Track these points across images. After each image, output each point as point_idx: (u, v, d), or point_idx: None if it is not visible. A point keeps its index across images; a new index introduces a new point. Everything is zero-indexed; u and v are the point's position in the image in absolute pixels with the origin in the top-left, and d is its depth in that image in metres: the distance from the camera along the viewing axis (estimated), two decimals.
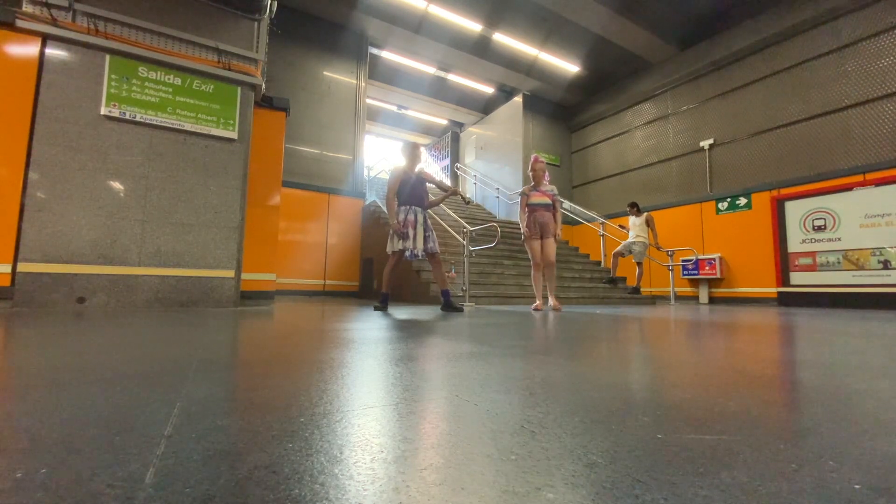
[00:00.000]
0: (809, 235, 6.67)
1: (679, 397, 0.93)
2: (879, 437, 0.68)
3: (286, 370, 1.19)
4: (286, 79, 8.05)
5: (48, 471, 0.52)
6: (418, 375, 1.14)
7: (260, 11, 4.53)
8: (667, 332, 2.45)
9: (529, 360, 1.38)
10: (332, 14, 8.51)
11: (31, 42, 3.61)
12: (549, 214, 4.64)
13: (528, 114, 11.17)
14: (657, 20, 8.43)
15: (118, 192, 3.80)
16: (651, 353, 1.66)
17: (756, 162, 7.87)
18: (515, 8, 8.19)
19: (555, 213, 4.67)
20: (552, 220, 4.63)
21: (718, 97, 8.53)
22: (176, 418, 0.74)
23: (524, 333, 2.21)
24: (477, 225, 6.09)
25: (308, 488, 0.49)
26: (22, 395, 0.88)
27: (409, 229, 3.94)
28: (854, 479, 0.53)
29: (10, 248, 3.42)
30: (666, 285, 8.02)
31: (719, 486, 0.51)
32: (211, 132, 4.19)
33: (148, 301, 3.81)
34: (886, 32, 6.42)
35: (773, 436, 0.69)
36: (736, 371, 1.24)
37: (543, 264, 4.62)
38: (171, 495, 0.47)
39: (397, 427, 0.72)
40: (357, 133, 8.84)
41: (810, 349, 1.78)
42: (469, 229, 5.24)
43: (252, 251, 4.59)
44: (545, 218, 4.62)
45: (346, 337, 1.94)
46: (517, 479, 0.52)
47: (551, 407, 0.84)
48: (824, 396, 0.96)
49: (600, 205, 10.65)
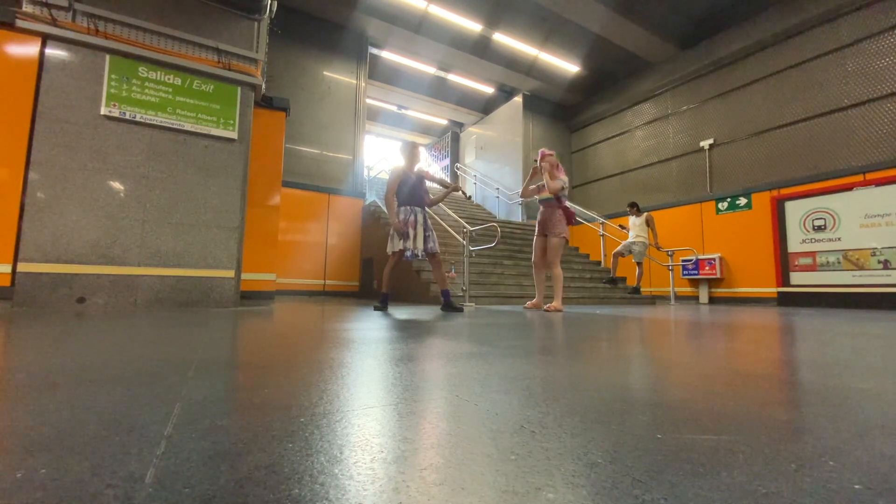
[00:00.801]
0: (809, 235, 6.67)
1: (679, 397, 0.93)
2: (879, 437, 0.68)
3: (286, 370, 1.19)
4: (286, 79, 8.06)
5: (48, 471, 0.52)
6: (418, 375, 1.14)
7: (260, 11, 4.53)
8: (667, 333, 2.45)
9: (529, 360, 1.38)
10: (332, 14, 8.51)
11: (31, 42, 3.61)
12: (548, 211, 4.47)
13: (528, 114, 11.18)
14: (657, 20, 8.44)
15: (118, 192, 3.80)
16: (651, 353, 1.66)
17: (756, 162, 7.87)
18: (515, 8, 8.19)
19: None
20: (550, 218, 4.44)
21: (718, 97, 8.53)
22: (176, 418, 0.74)
23: (524, 333, 2.21)
24: (477, 225, 6.09)
25: (308, 488, 0.49)
26: (22, 395, 0.88)
27: (409, 229, 3.93)
28: (854, 479, 0.53)
29: (10, 249, 3.42)
30: (666, 285, 8.02)
31: (719, 486, 0.51)
32: (211, 132, 4.19)
33: (148, 301, 3.81)
34: (886, 32, 6.42)
35: (773, 436, 0.69)
36: (736, 371, 1.24)
37: (541, 263, 4.56)
38: (171, 495, 0.47)
39: (397, 427, 0.72)
40: (357, 133, 8.85)
41: (810, 349, 1.78)
42: (469, 229, 5.24)
43: (252, 251, 4.59)
44: (543, 215, 4.52)
45: (346, 337, 1.94)
46: (517, 479, 0.52)
47: (551, 407, 0.84)
48: (824, 396, 0.96)
49: (600, 205, 10.65)
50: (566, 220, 4.42)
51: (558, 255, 4.42)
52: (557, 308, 4.24)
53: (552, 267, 4.43)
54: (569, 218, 4.43)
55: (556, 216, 4.42)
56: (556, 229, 4.40)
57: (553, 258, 4.42)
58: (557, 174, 4.46)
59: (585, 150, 11.58)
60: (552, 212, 4.45)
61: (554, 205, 4.44)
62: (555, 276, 4.40)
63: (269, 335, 2.09)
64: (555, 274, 4.40)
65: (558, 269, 4.41)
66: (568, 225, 4.44)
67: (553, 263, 4.43)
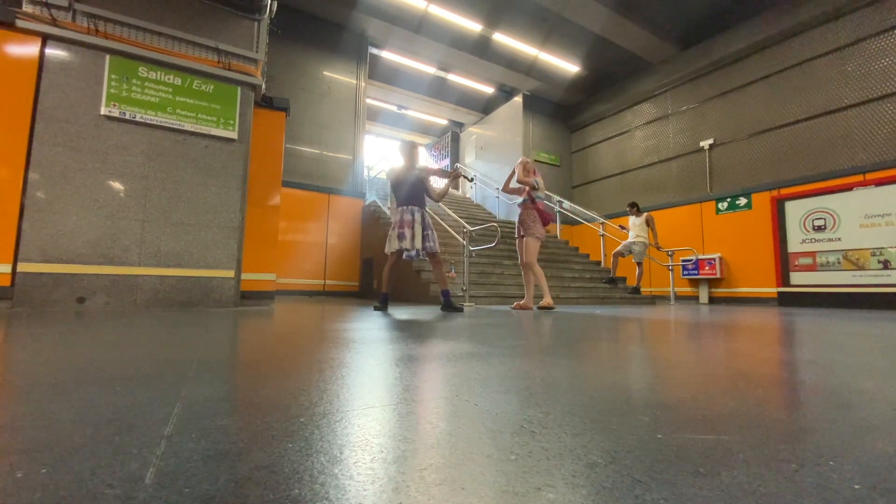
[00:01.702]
0: (809, 235, 6.67)
1: (679, 397, 0.93)
2: (879, 437, 0.68)
3: (286, 370, 1.19)
4: (286, 79, 8.06)
5: (48, 471, 0.52)
6: (418, 375, 1.14)
7: (260, 11, 4.53)
8: (667, 333, 2.45)
9: (529, 360, 1.38)
10: (332, 14, 8.51)
11: (31, 42, 3.61)
12: (524, 212, 4.56)
13: (528, 114, 11.18)
14: (657, 20, 8.44)
15: (118, 192, 3.80)
16: (651, 353, 1.66)
17: (756, 162, 7.87)
18: (515, 8, 8.19)
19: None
20: (525, 219, 4.54)
21: (718, 97, 8.54)
22: (176, 418, 0.74)
23: (524, 333, 2.21)
24: (477, 225, 6.09)
25: (308, 488, 0.49)
26: (22, 395, 0.88)
27: (405, 229, 3.93)
28: (854, 479, 0.53)
29: (10, 248, 3.42)
30: (666, 285, 8.02)
31: (719, 486, 0.51)
32: (211, 132, 4.19)
33: (148, 301, 3.81)
34: (886, 32, 6.42)
35: (773, 436, 0.69)
36: (736, 371, 1.24)
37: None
38: (171, 495, 0.47)
39: (397, 427, 0.72)
40: (357, 133, 8.85)
41: (810, 349, 1.78)
42: (469, 229, 5.24)
43: (252, 251, 4.59)
44: (520, 216, 4.60)
45: (345, 337, 1.94)
46: (517, 479, 0.52)
47: (551, 407, 0.84)
48: (824, 396, 0.96)
49: (600, 205, 10.65)
50: (541, 220, 4.52)
51: (533, 255, 4.49)
52: (547, 304, 4.35)
53: (531, 266, 4.49)
54: (544, 219, 4.53)
55: (531, 217, 4.52)
56: (529, 230, 4.50)
57: (529, 258, 4.48)
58: (534, 177, 4.62)
59: (585, 150, 11.58)
60: (527, 213, 4.55)
61: (528, 205, 4.55)
62: (536, 275, 4.47)
63: (269, 335, 2.09)
64: (536, 272, 4.47)
65: (537, 268, 4.47)
66: (544, 225, 4.54)
67: (530, 263, 4.48)
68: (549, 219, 4.59)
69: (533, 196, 4.55)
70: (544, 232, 4.57)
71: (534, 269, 4.47)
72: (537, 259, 4.55)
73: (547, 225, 4.58)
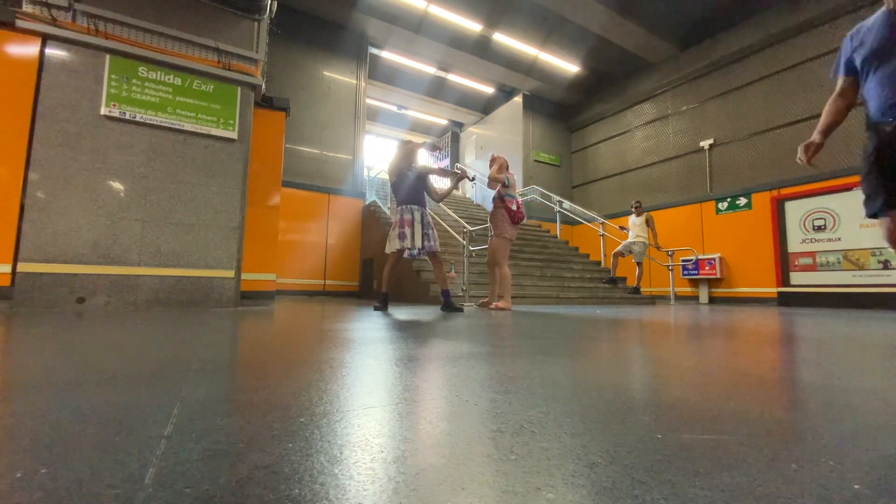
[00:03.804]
0: (809, 235, 6.67)
1: (679, 397, 0.93)
2: (879, 438, 0.68)
3: (286, 370, 1.19)
4: (286, 79, 8.06)
5: (48, 471, 0.52)
6: (418, 375, 1.14)
7: (260, 11, 4.53)
8: (667, 333, 2.45)
9: (529, 360, 1.38)
10: (332, 14, 8.52)
11: (31, 42, 3.61)
12: (493, 211, 4.49)
13: (528, 114, 11.18)
14: (657, 20, 8.44)
15: (118, 192, 3.80)
16: (651, 353, 1.66)
17: (756, 162, 7.87)
18: (515, 8, 8.19)
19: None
20: (494, 218, 4.47)
21: (718, 97, 8.54)
22: (176, 418, 0.74)
23: (524, 333, 2.21)
24: (477, 225, 6.08)
25: (308, 488, 0.49)
26: (22, 395, 0.88)
27: (406, 228, 3.93)
28: (854, 479, 0.53)
29: (10, 248, 3.42)
30: (666, 285, 8.02)
31: (719, 486, 0.51)
32: (211, 132, 4.19)
33: (148, 301, 3.81)
34: None
35: (773, 436, 0.69)
36: (735, 371, 1.24)
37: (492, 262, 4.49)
38: (171, 495, 0.47)
39: (397, 427, 0.72)
40: (357, 133, 8.85)
41: (810, 349, 1.78)
42: (469, 229, 5.24)
43: (252, 251, 4.59)
44: (490, 214, 4.55)
45: (346, 337, 1.94)
46: (517, 479, 0.52)
47: (551, 407, 0.84)
48: (824, 396, 0.96)
49: (600, 205, 10.65)
50: (510, 220, 4.39)
51: (502, 255, 4.38)
52: (505, 307, 4.22)
53: (499, 266, 4.38)
54: (512, 218, 4.40)
55: (499, 216, 4.41)
56: (497, 229, 4.40)
57: (498, 258, 4.37)
58: (507, 174, 4.55)
59: (585, 150, 11.58)
60: (496, 212, 4.45)
61: (498, 204, 4.44)
62: (501, 276, 4.35)
63: (269, 335, 2.09)
64: (501, 273, 4.35)
65: (505, 269, 4.36)
66: (513, 224, 4.41)
67: (498, 263, 4.37)
68: (519, 218, 4.45)
69: (503, 194, 4.44)
70: (515, 232, 4.45)
71: (501, 270, 4.35)
72: (507, 260, 4.42)
73: (517, 224, 4.44)
